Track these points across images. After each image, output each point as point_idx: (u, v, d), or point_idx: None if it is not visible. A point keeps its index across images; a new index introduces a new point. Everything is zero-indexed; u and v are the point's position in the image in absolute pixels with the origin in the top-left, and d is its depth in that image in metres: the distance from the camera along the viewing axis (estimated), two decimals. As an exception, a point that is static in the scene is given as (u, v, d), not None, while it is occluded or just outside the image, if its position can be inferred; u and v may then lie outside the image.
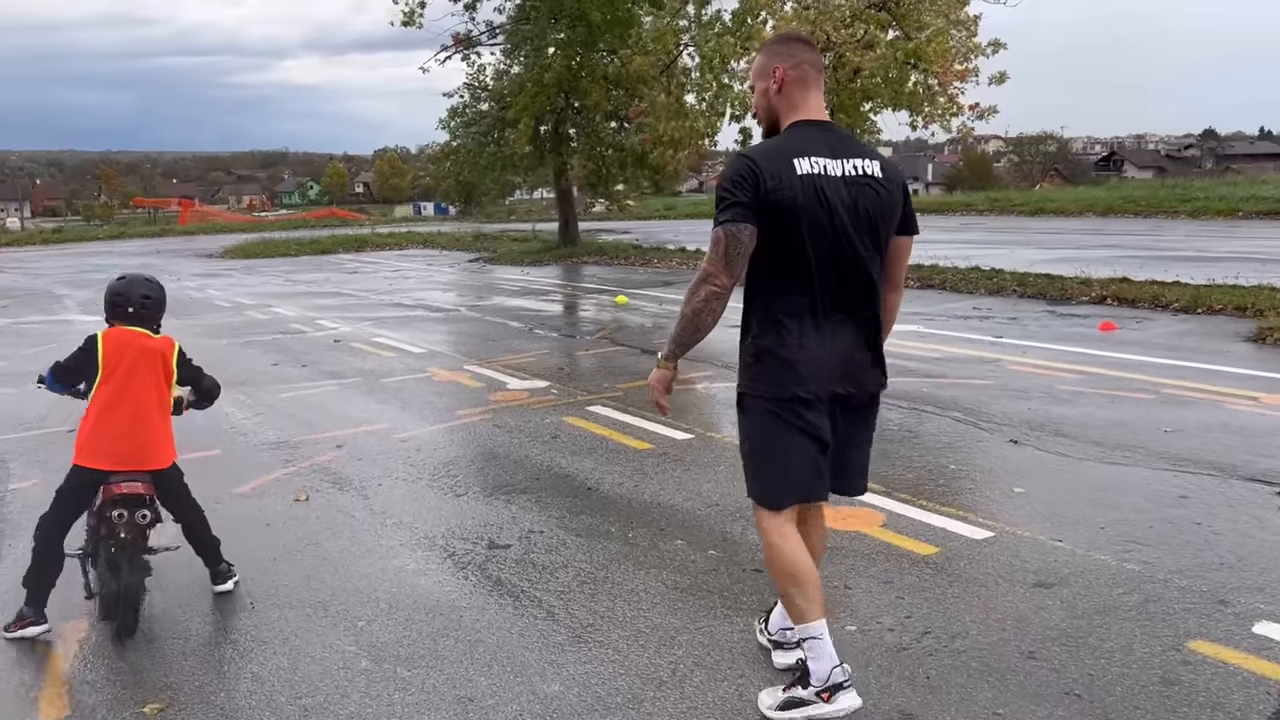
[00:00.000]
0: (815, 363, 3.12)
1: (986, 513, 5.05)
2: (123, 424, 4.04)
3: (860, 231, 3.10)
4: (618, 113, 23.69)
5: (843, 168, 3.08)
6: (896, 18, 14.52)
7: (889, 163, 3.21)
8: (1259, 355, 8.76)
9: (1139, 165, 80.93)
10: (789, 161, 3.05)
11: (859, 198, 3.09)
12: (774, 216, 3.04)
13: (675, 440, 6.70)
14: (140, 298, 4.18)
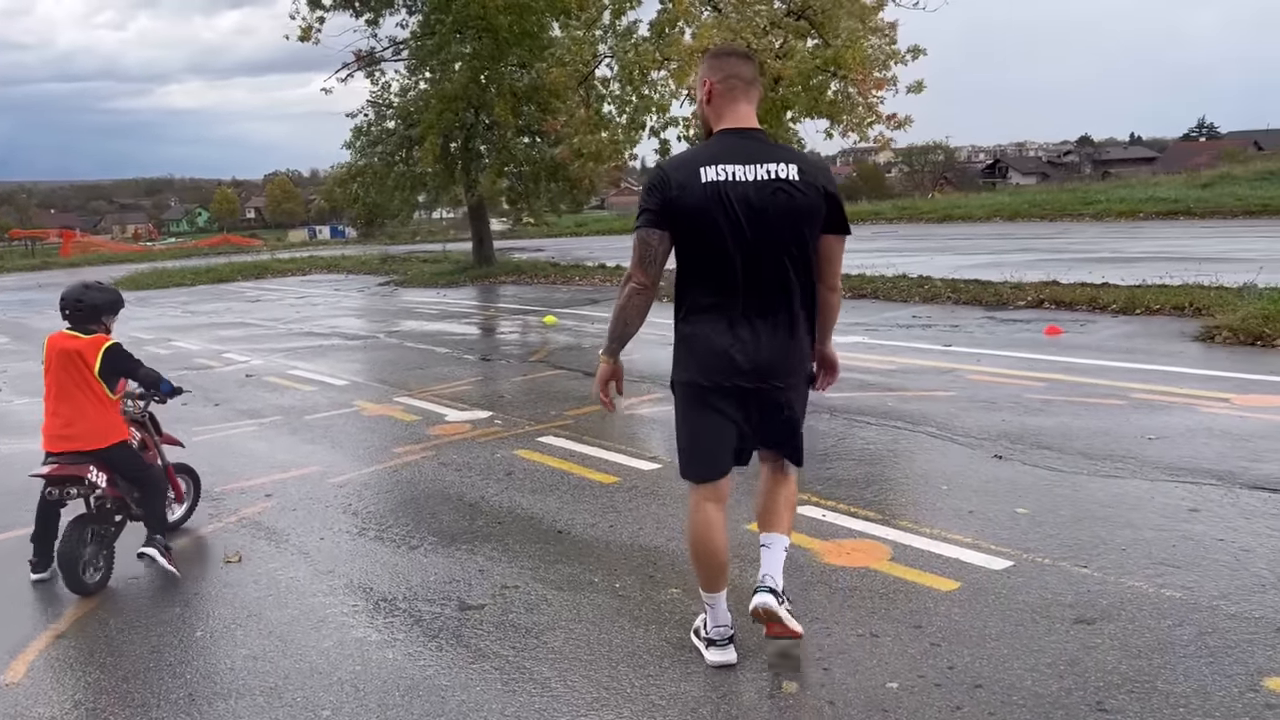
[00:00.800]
0: (724, 354, 3.38)
1: (997, 539, 4.69)
2: (54, 412, 4.76)
3: (770, 232, 3.29)
4: (530, 128, 23.10)
5: (755, 173, 3.29)
6: (815, 25, 14.35)
7: (811, 166, 3.37)
8: (1212, 355, 8.71)
9: (1023, 172, 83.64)
10: (695, 170, 3.30)
11: (770, 201, 3.28)
12: (681, 220, 3.33)
13: (642, 471, 6.21)
14: (74, 302, 4.79)
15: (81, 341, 4.76)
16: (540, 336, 13.16)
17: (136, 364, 4.95)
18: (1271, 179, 29.00)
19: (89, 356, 4.73)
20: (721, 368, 3.40)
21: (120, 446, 4.89)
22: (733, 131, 3.41)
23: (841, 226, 3.45)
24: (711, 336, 3.41)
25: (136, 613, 4.52)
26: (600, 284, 19.86)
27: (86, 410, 4.76)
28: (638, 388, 8.91)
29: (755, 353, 3.39)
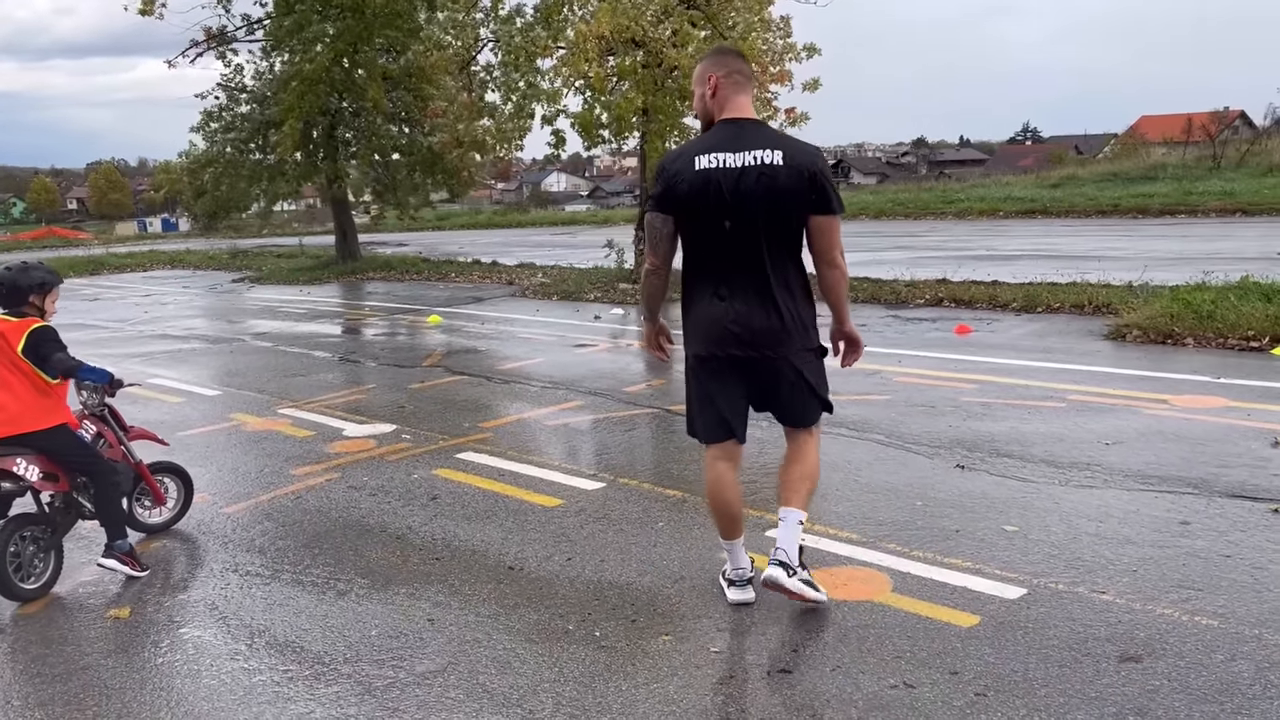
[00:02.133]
0: (720, 326, 3.71)
1: (999, 562, 4.34)
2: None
3: (754, 213, 3.59)
4: (402, 114, 21.93)
5: (743, 159, 3.59)
6: (708, 16, 13.99)
7: (798, 151, 3.65)
8: (1129, 354, 8.74)
9: (864, 172, 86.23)
10: (691, 159, 3.65)
11: (754, 184, 3.57)
12: (679, 205, 3.69)
13: (586, 492, 5.63)
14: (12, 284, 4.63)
15: (8, 324, 4.59)
16: (428, 338, 12.34)
17: (55, 349, 4.59)
18: (1114, 180, 30.55)
19: (12, 338, 4.55)
20: (718, 338, 3.74)
21: (61, 430, 4.66)
22: (730, 121, 3.73)
23: (827, 207, 3.66)
24: (708, 310, 3.75)
25: (3, 688, 3.66)
26: (480, 281, 19.03)
27: (18, 392, 4.55)
28: (553, 394, 8.31)
29: (746, 325, 3.69)
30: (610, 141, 16.03)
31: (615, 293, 15.15)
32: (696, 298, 3.79)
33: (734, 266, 3.69)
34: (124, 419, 5.25)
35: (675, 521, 5.07)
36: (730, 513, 3.94)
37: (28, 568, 4.53)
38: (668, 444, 6.68)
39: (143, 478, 5.27)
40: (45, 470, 4.63)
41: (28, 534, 4.56)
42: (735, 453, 3.94)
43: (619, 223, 35.33)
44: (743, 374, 3.77)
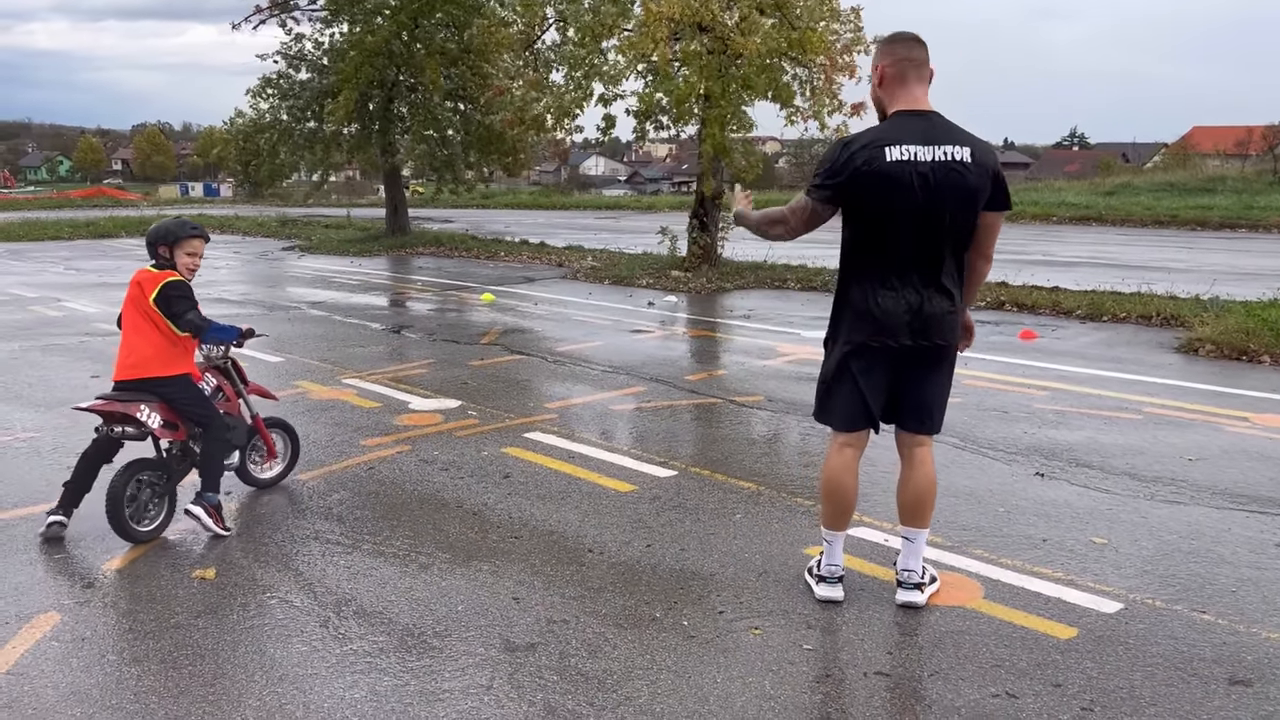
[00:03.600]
0: (890, 315, 3.72)
1: (1093, 574, 4.26)
2: (123, 342, 4.84)
3: (941, 208, 3.61)
4: (459, 92, 21.92)
5: (933, 153, 3.60)
6: (776, 3, 13.83)
7: (984, 150, 3.67)
8: (1202, 369, 8.56)
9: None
10: (881, 149, 3.62)
11: (945, 180, 3.59)
12: (863, 194, 3.66)
13: (659, 479, 5.59)
14: (146, 239, 4.90)
15: (148, 275, 4.83)
16: (482, 315, 12.34)
17: (185, 307, 4.77)
18: (1171, 190, 30.02)
19: (147, 288, 4.77)
20: (890, 328, 3.74)
21: (183, 379, 4.86)
22: (908, 113, 3.71)
23: (1004, 203, 3.77)
24: (879, 300, 3.74)
25: (99, 642, 3.68)
26: (529, 262, 19.03)
27: (150, 338, 4.78)
28: (615, 379, 8.28)
29: (921, 313, 3.72)
30: (668, 127, 15.93)
31: (668, 280, 15.09)
32: (863, 287, 3.78)
33: (912, 257, 3.70)
34: (245, 373, 5.42)
35: (752, 514, 5.02)
36: (845, 501, 3.99)
37: (142, 511, 4.71)
38: (736, 435, 6.63)
39: (258, 431, 5.45)
40: (166, 418, 4.78)
41: (144, 479, 4.71)
42: (864, 441, 4.00)
43: (664, 209, 35.25)
44: (897, 365, 3.81)
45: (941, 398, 3.94)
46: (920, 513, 3.97)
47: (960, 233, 3.71)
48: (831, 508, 4.01)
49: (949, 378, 3.93)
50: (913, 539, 3.98)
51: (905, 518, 4.01)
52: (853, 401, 3.89)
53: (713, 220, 16.22)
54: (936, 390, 3.91)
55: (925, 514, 3.98)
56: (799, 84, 14.79)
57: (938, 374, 3.88)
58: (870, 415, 3.90)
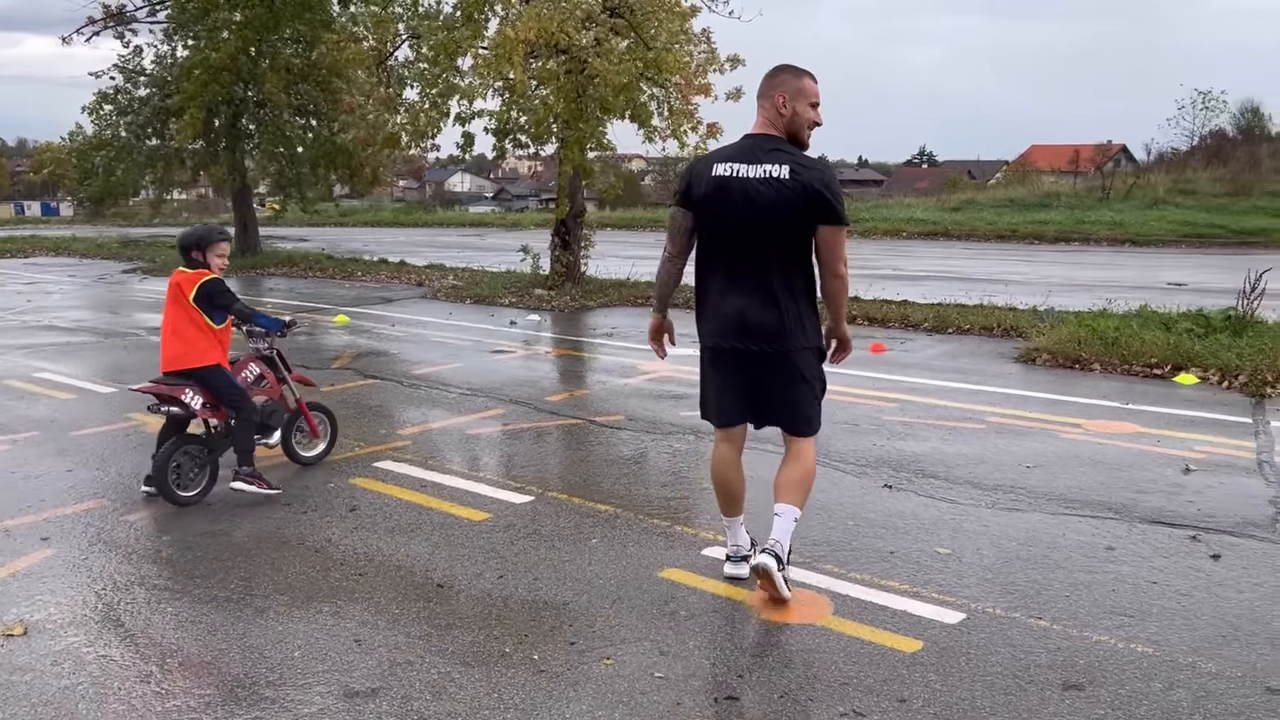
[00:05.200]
0: (722, 318, 4.07)
1: (937, 585, 4.35)
2: (165, 337, 5.52)
3: (761, 220, 3.93)
4: (307, 108, 21.26)
5: (755, 171, 3.95)
6: (632, 25, 13.92)
7: (805, 168, 3.94)
8: (1040, 377, 8.96)
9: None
10: (711, 165, 4.06)
11: (762, 194, 3.91)
12: (696, 204, 4.06)
13: (515, 506, 5.47)
14: (179, 244, 5.53)
15: (185, 276, 5.46)
16: (335, 339, 11.94)
17: (231, 299, 5.50)
18: (1011, 206, 31.60)
19: (186, 288, 5.42)
20: (722, 330, 4.09)
21: (215, 369, 5.49)
22: (752, 135, 4.11)
23: (830, 219, 3.95)
24: (716, 304, 4.10)
25: (-118, 721, 3.32)
26: (387, 281, 18.56)
27: (187, 334, 5.44)
28: (473, 402, 8.10)
29: (747, 319, 4.00)
30: (527, 146, 15.83)
31: (531, 298, 14.95)
32: (707, 291, 4.13)
33: (740, 265, 4.01)
34: (289, 361, 6.14)
35: (609, 538, 4.95)
36: (731, 492, 4.31)
37: (185, 479, 5.46)
38: (595, 457, 6.56)
39: (302, 414, 6.11)
40: (207, 400, 5.51)
41: (189, 451, 5.49)
42: (738, 435, 4.29)
43: (529, 226, 35.03)
44: (746, 367, 4.08)
45: (799, 401, 4.12)
46: (790, 489, 4.13)
47: (788, 245, 3.96)
48: (720, 498, 4.36)
49: (802, 383, 4.10)
50: (781, 514, 4.11)
51: (777, 494, 4.16)
52: (717, 398, 4.22)
53: (575, 238, 16.17)
54: (789, 394, 4.11)
55: (796, 492, 4.13)
56: (657, 104, 14.92)
57: (786, 380, 4.08)
58: (733, 412, 4.20)
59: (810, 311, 4.09)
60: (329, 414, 6.36)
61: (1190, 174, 33.50)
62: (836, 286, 4.07)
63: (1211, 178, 32.25)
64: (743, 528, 4.45)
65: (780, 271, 3.99)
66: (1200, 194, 30.56)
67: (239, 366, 5.77)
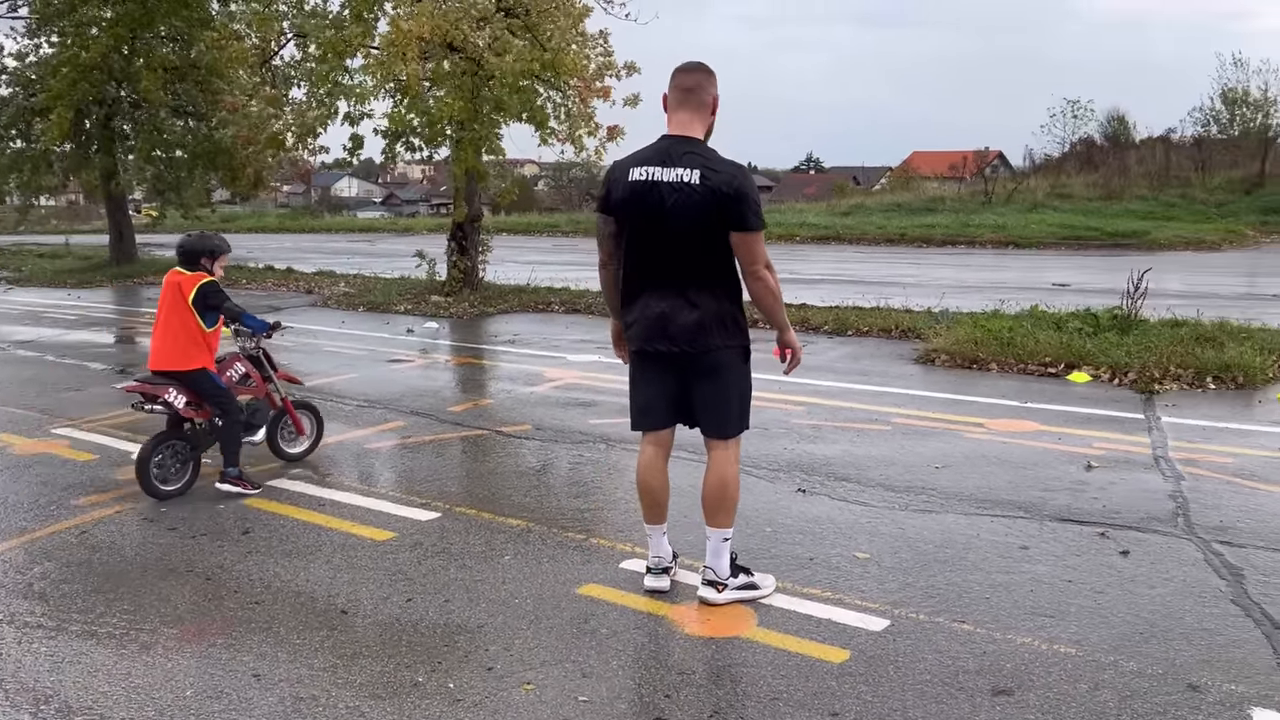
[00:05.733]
0: (644, 321, 4.02)
1: (859, 591, 4.30)
2: (156, 335, 5.68)
3: (676, 224, 3.87)
4: (186, 108, 20.32)
5: (668, 174, 3.88)
6: (527, 25, 13.71)
7: (717, 172, 3.86)
8: (940, 378, 9.09)
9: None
10: (627, 169, 3.97)
11: (675, 199, 3.85)
12: (614, 209, 4.02)
13: (420, 523, 5.22)
14: (179, 247, 5.71)
15: (184, 277, 5.61)
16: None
17: (224, 299, 5.67)
18: (898, 210, 32.43)
19: (186, 288, 5.56)
20: (645, 334, 4.03)
21: (199, 372, 5.63)
22: (668, 137, 4.00)
23: (741, 224, 3.88)
24: (639, 307, 4.04)
25: None
26: (275, 289, 17.87)
27: (178, 336, 5.57)
28: (371, 414, 7.79)
29: (668, 321, 3.95)
30: (418, 149, 15.47)
31: (428, 305, 14.58)
32: (631, 295, 4.07)
33: (659, 269, 3.96)
34: (275, 361, 6.25)
35: (522, 554, 4.76)
36: (654, 498, 4.21)
37: (167, 473, 5.60)
38: (503, 469, 6.34)
39: (287, 412, 6.22)
40: (190, 400, 5.64)
41: (173, 446, 5.64)
42: (664, 440, 4.24)
43: (422, 231, 34.45)
44: (671, 369, 4.04)
45: (721, 403, 4.09)
46: (711, 511, 4.14)
47: (704, 248, 3.90)
48: (643, 504, 4.26)
49: (725, 385, 4.07)
50: (709, 537, 4.15)
51: (704, 514, 4.18)
52: (642, 401, 4.19)
53: (472, 243, 15.85)
54: (712, 396, 4.07)
55: (717, 514, 4.13)
56: (554, 106, 14.74)
57: (710, 381, 4.05)
58: (659, 415, 4.17)
59: (736, 311, 4.03)
60: (315, 411, 6.46)
61: (1065, 179, 34.98)
62: (759, 289, 4.00)
63: (1085, 182, 33.75)
64: (665, 538, 4.33)
65: (699, 274, 3.94)
66: (1076, 198, 31.92)
67: (225, 364, 5.91)
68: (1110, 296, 11.43)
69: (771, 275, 4.00)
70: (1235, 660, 3.63)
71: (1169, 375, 8.41)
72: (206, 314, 5.60)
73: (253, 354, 6.06)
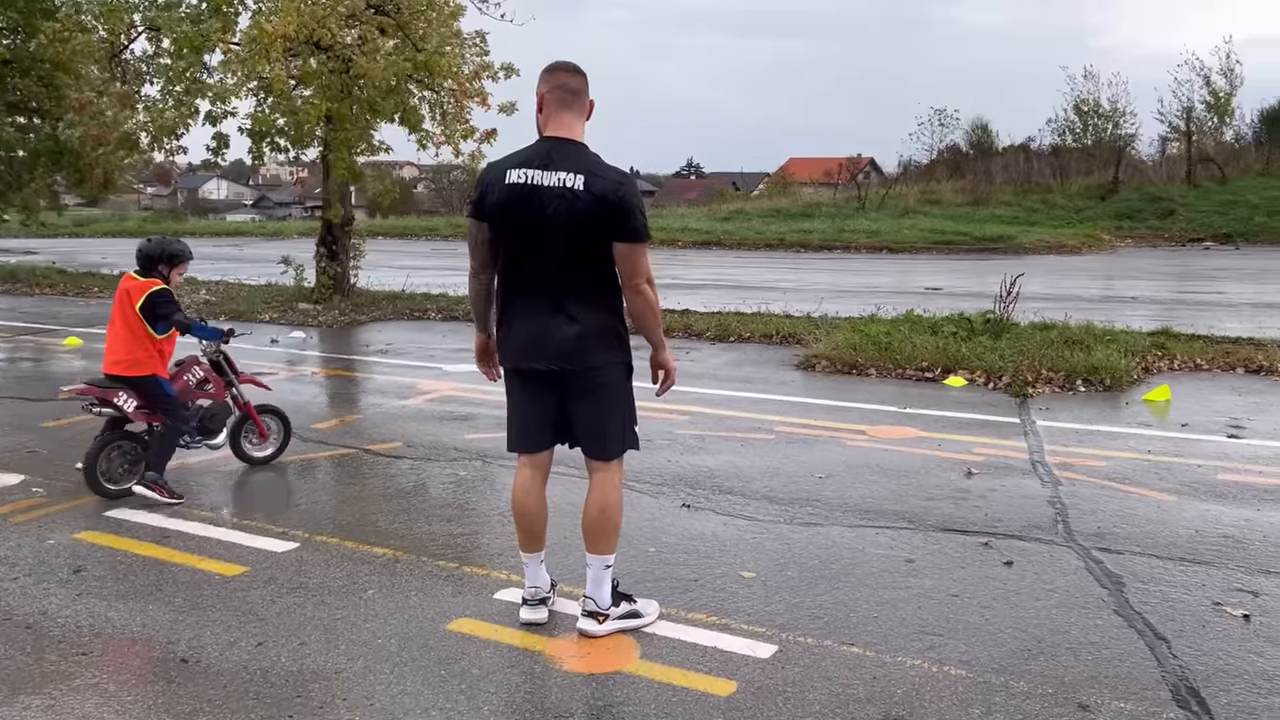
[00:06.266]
0: (519, 337, 3.76)
1: (745, 614, 4.11)
2: (109, 339, 5.70)
3: (555, 234, 3.62)
4: (26, 104, 18.94)
5: (550, 179, 3.61)
6: (399, 24, 13.21)
7: (601, 178, 3.62)
8: (821, 384, 9.07)
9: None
10: (504, 172, 3.68)
11: (556, 206, 3.59)
12: (489, 215, 3.72)
13: (276, 555, 4.82)
14: (137, 251, 5.74)
15: (135, 284, 5.57)
16: (64, 365, 10.57)
17: (173, 309, 5.57)
18: (777, 216, 32.90)
19: (135, 295, 5.51)
20: (520, 350, 3.78)
21: (148, 380, 5.61)
22: (549, 139, 3.72)
23: (625, 234, 3.63)
24: (514, 322, 3.78)
25: None
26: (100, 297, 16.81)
27: (126, 343, 5.54)
28: (228, 433, 7.25)
29: (545, 338, 3.70)
30: (286, 150, 14.78)
31: (294, 313, 13.92)
32: (506, 309, 3.82)
33: (536, 280, 3.72)
34: (236, 366, 6.21)
35: (387, 588, 4.42)
36: (530, 524, 3.99)
37: (114, 473, 5.62)
38: (370, 491, 5.96)
39: (250, 417, 6.23)
40: (140, 404, 5.64)
41: (121, 446, 5.66)
42: (542, 462, 4.01)
43: (293, 235, 33.25)
44: (549, 388, 3.81)
45: (603, 424, 3.87)
46: (592, 538, 3.92)
47: (586, 259, 3.68)
48: (519, 531, 4.03)
49: (607, 404, 3.85)
50: (590, 565, 3.93)
51: (584, 542, 3.96)
52: (519, 421, 3.94)
53: (343, 248, 15.24)
54: (593, 416, 3.85)
55: (598, 540, 3.91)
56: (429, 108, 14.28)
57: (591, 400, 3.82)
58: (538, 435, 3.93)
59: (618, 324, 3.82)
60: (281, 416, 6.44)
61: (935, 185, 36.08)
62: (639, 304, 3.77)
63: (954, 188, 34.87)
64: (542, 566, 4.08)
65: (579, 286, 3.71)
66: (945, 203, 32.95)
67: (184, 368, 5.94)
68: (981, 300, 11.66)
69: (652, 290, 3.77)
70: (1122, 676, 3.58)
71: (1041, 378, 8.57)
72: (157, 322, 5.54)
73: (213, 358, 6.04)
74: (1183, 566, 4.59)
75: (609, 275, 3.73)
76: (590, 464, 3.94)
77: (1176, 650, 3.77)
